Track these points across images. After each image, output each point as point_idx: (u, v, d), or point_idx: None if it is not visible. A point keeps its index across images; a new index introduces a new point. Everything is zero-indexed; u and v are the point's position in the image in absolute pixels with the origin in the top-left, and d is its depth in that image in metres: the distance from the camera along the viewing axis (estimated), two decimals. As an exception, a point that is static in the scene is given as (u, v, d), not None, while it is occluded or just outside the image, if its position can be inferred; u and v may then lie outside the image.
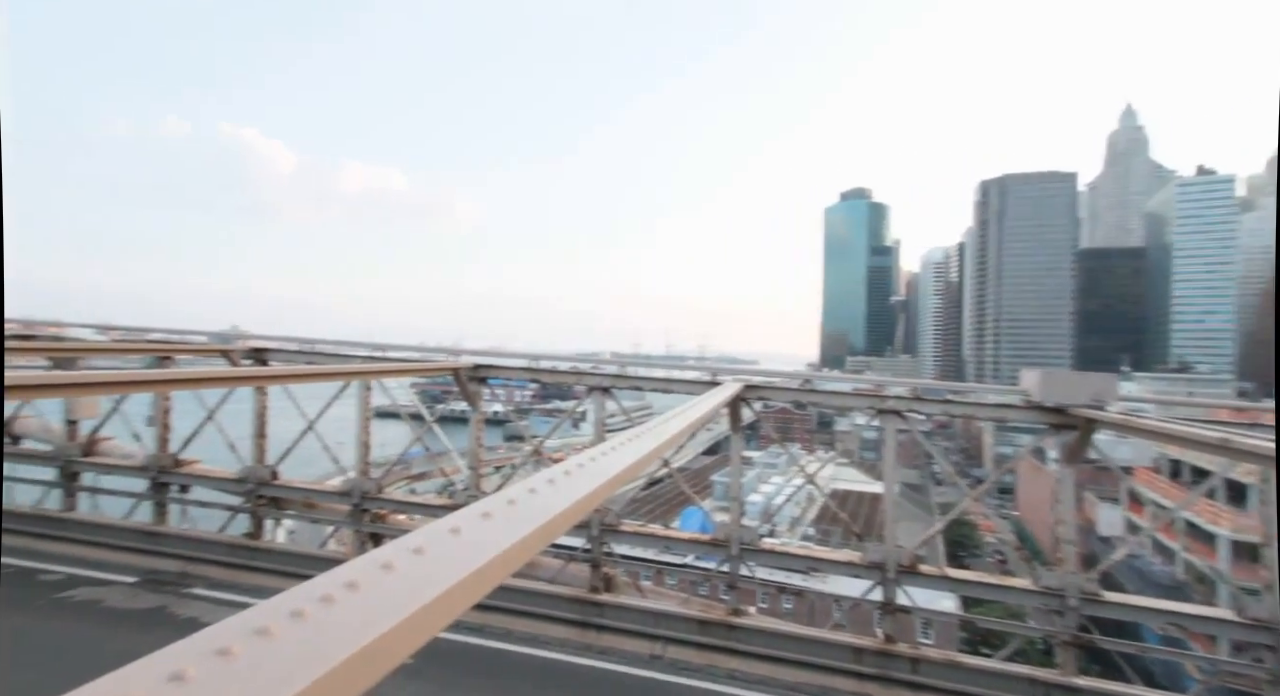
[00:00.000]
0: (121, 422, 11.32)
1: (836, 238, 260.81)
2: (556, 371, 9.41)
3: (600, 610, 8.35)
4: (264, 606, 1.09)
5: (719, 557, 8.29)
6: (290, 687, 0.88)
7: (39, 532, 10.81)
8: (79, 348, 10.73)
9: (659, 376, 9.38)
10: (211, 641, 0.96)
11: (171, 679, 0.86)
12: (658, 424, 3.63)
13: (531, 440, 10.46)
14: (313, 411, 10.49)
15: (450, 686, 6.96)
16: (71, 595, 9.06)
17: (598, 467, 2.59)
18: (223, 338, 11.64)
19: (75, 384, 6.85)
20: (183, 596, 9.16)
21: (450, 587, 1.29)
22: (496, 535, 1.65)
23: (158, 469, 10.61)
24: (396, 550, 1.42)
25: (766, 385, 8.74)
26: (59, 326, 12.72)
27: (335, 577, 1.23)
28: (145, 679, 0.86)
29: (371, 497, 9.73)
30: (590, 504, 2.19)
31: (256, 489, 10.24)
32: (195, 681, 0.87)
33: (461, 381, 9.02)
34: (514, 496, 1.96)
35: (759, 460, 56.26)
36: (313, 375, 7.72)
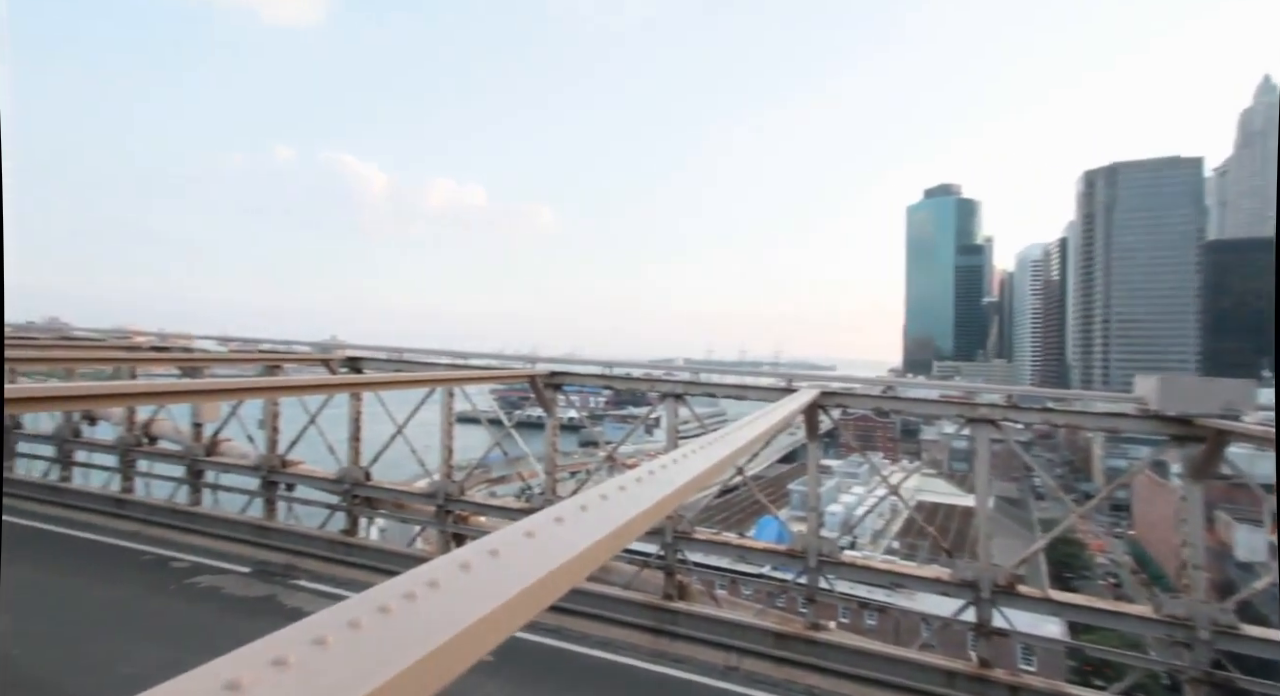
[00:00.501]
0: (237, 425, 12.48)
1: (921, 237, 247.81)
2: (629, 378, 9.51)
3: (674, 617, 8.30)
4: (354, 600, 1.16)
5: (796, 569, 8.05)
6: (378, 678, 0.93)
7: (171, 524, 12.08)
8: (203, 358, 11.95)
9: (732, 382, 9.26)
10: (309, 631, 1.03)
11: (275, 663, 0.93)
12: (730, 431, 3.58)
13: (605, 446, 10.61)
14: (401, 416, 11.14)
15: (527, 686, 7.13)
16: (197, 581, 10.05)
17: (669, 474, 2.59)
18: (323, 347, 12.60)
19: (199, 391, 7.61)
20: (289, 587, 9.94)
21: (524, 589, 1.33)
22: (569, 539, 1.68)
23: (268, 468, 11.60)
24: (474, 551, 1.47)
25: (845, 391, 8.43)
26: (188, 338, 14.22)
27: (417, 576, 1.29)
28: (252, 661, 0.93)
29: (454, 500, 10.18)
30: (662, 511, 2.19)
31: (352, 489, 10.96)
32: (295, 666, 0.94)
33: (537, 388, 9.29)
34: (586, 502, 1.99)
35: (838, 469, 54.28)
36: (401, 382, 8.19)
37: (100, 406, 12.82)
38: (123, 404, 12.17)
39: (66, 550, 11.24)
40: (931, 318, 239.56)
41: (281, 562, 10.72)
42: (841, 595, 7.88)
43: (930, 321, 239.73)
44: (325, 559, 10.69)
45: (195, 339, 14.37)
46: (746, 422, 3.88)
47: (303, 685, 0.91)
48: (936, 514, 47.48)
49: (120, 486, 13.19)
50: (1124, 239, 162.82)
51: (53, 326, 18.62)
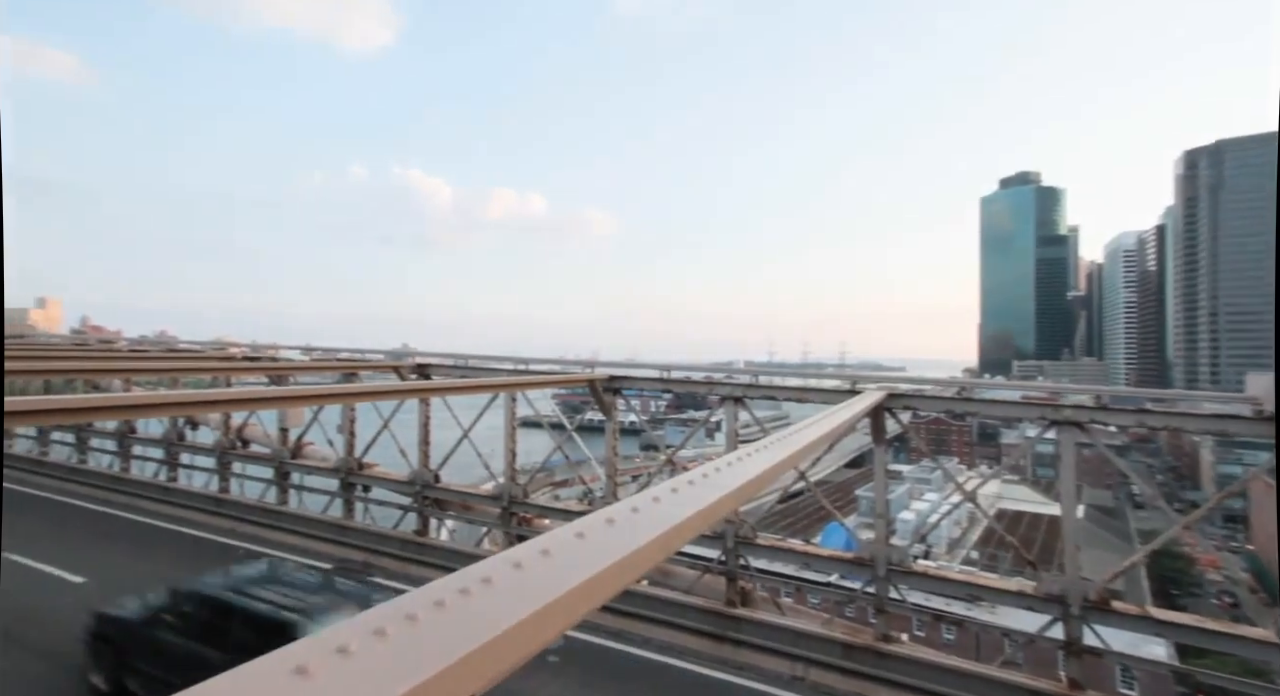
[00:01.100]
0: (319, 430, 13.28)
1: (997, 229, 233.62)
2: (688, 381, 9.46)
3: (737, 624, 8.18)
4: (412, 595, 1.21)
5: (865, 578, 7.76)
6: (432, 668, 0.97)
7: (261, 522, 12.98)
8: (289, 366, 12.79)
9: (793, 385, 9.06)
10: (370, 622, 1.09)
11: (339, 651, 0.99)
12: (790, 434, 3.50)
13: (665, 450, 10.60)
14: (467, 420, 11.53)
15: (590, 686, 7.19)
16: (285, 576, 10.75)
17: (723, 478, 2.55)
18: (394, 355, 13.25)
19: (285, 397, 8.15)
20: (365, 583, 10.45)
21: (573, 589, 1.34)
22: (620, 541, 1.69)
23: (346, 471, 12.27)
24: (526, 551, 1.50)
25: (914, 393, 8.08)
26: (275, 348, 15.28)
27: (471, 573, 1.33)
28: (318, 648, 0.99)
29: (518, 502, 10.43)
30: (716, 514, 2.16)
31: (422, 491, 11.43)
32: (356, 655, 0.99)
33: (597, 392, 9.40)
34: (638, 504, 1.99)
35: (909, 475, 51.91)
36: (466, 388, 8.50)
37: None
38: (219, 410, 13.20)
39: (174, 545, 12.28)
40: (1010, 314, 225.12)
41: (359, 560, 11.29)
42: (914, 606, 7.52)
43: (1008, 318, 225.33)
44: (399, 557, 11.19)
45: (282, 349, 15.43)
46: (807, 425, 3.79)
47: (363, 673, 0.96)
48: (1019, 523, 44.62)
49: (218, 486, 14.31)
50: (1233, 223, 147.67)
51: (162, 340, 20.47)
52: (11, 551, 11.15)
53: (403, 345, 13.48)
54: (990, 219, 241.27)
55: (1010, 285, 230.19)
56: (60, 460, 17.48)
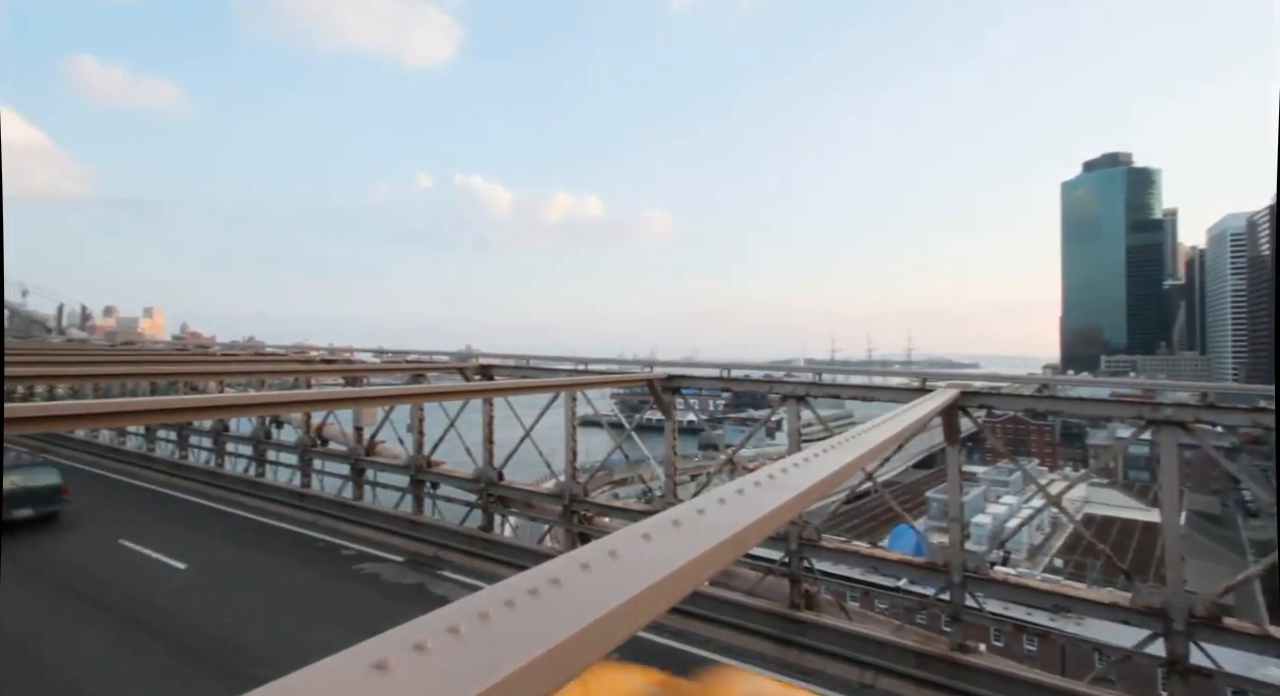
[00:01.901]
0: (390, 429, 13.90)
1: (1081, 215, 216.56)
2: (748, 380, 9.32)
3: (801, 628, 7.98)
4: (484, 593, 1.22)
5: (938, 584, 7.40)
6: (506, 668, 0.97)
7: (339, 516, 13.71)
8: (362, 368, 13.45)
9: (858, 383, 8.76)
10: (444, 619, 1.11)
11: (416, 647, 1.01)
12: (857, 434, 3.37)
13: (725, 449, 10.48)
14: (529, 419, 11.79)
15: (654, 687, 7.18)
16: (361, 568, 11.31)
17: (789, 479, 2.48)
18: (458, 357, 13.70)
19: (360, 398, 8.56)
20: (436, 577, 10.87)
21: (640, 592, 1.33)
22: (686, 543, 1.66)
23: (416, 468, 12.78)
24: (594, 552, 1.50)
25: (989, 391, 7.66)
26: (350, 351, 16.12)
27: (540, 573, 1.34)
28: (396, 644, 1.01)
29: (579, 500, 10.57)
30: (782, 517, 2.10)
31: (487, 488, 11.77)
32: (433, 652, 1.01)
33: (656, 391, 9.40)
34: (703, 506, 1.96)
35: (984, 477, 49.26)
36: (528, 388, 8.68)
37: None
38: (300, 410, 14.04)
39: (263, 536, 13.16)
40: (1096, 306, 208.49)
41: (429, 554, 11.76)
42: (993, 615, 7.12)
43: (1095, 310, 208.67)
44: (466, 552, 11.56)
45: (356, 351, 16.26)
46: (875, 425, 3.64)
47: (441, 670, 0.98)
48: (1109, 529, 41.50)
49: (300, 482, 15.22)
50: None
51: (249, 344, 21.99)
52: (125, 539, 12.27)
53: (465, 346, 13.95)
54: (1073, 205, 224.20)
55: (1097, 275, 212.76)
56: (164, 456, 19.08)
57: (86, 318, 36.00)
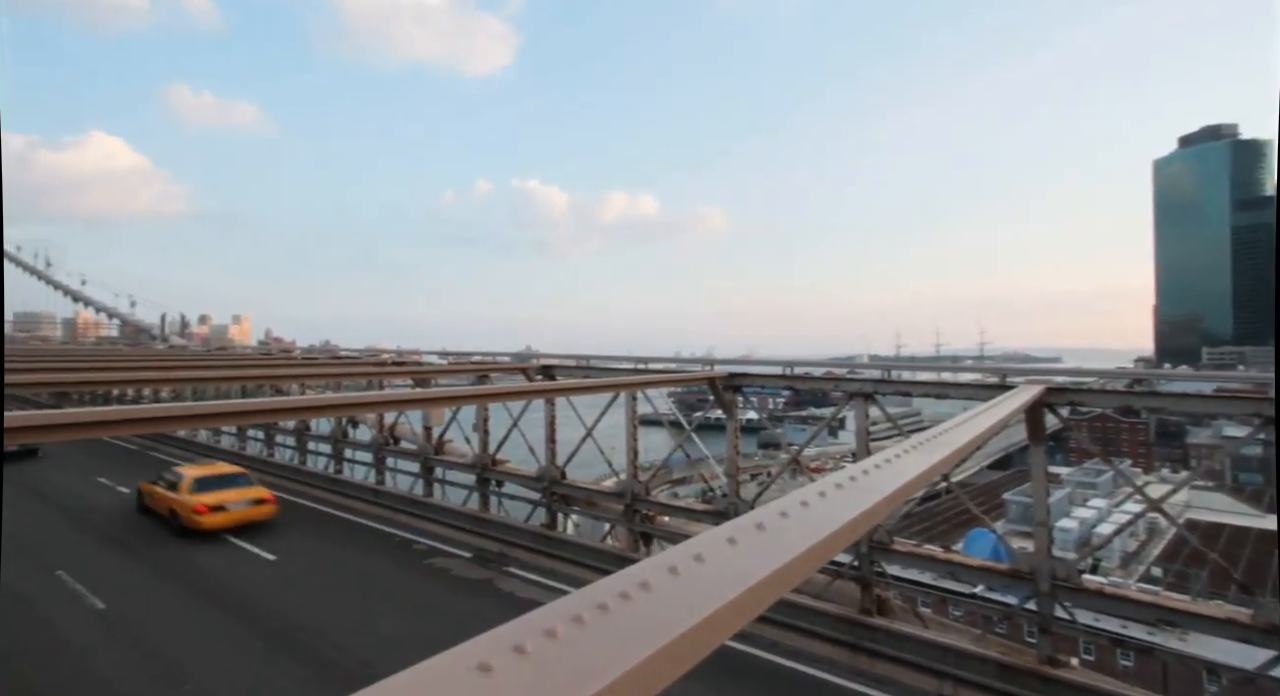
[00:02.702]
0: (457, 428, 14.37)
1: (1177, 195, 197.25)
2: (812, 377, 9.08)
3: (873, 634, 7.71)
4: (576, 596, 1.21)
5: (1021, 592, 6.98)
6: (607, 674, 0.96)
7: (411, 512, 14.30)
8: (430, 369, 13.96)
9: (930, 380, 8.38)
10: (541, 622, 1.10)
11: (515, 649, 1.00)
12: (940, 433, 3.21)
13: (788, 448, 10.26)
14: (590, 419, 11.92)
15: (722, 690, 7.11)
16: (432, 562, 11.75)
17: (873, 481, 2.38)
18: (520, 357, 14.01)
19: (428, 399, 8.87)
20: (502, 573, 11.15)
21: (732, 599, 1.29)
22: (772, 548, 1.61)
23: (481, 466, 13.16)
24: (680, 555, 1.46)
25: (1076, 387, 7.16)
26: (418, 353, 16.78)
27: (629, 577, 1.32)
28: (496, 646, 1.01)
29: (641, 499, 10.60)
30: (870, 520, 2.01)
31: (550, 486, 11.98)
32: (532, 655, 1.01)
33: (717, 390, 9.30)
34: (786, 508, 1.89)
35: (1069, 478, 46.16)
36: (589, 387, 8.76)
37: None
38: (374, 411, 14.72)
39: (342, 530, 13.88)
40: (1196, 293, 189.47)
41: (495, 551, 12.08)
42: (1086, 628, 6.65)
43: (1195, 298, 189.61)
44: (530, 549, 11.81)
45: (423, 354, 16.92)
46: (959, 423, 3.45)
47: (541, 673, 0.97)
48: (1217, 537, 38.04)
49: (374, 479, 15.97)
50: None
51: (326, 348, 23.26)
52: (224, 532, 13.21)
53: (525, 347, 14.25)
54: (1167, 184, 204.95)
55: (1197, 259, 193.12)
56: (253, 453, 20.46)
57: (185, 325, 39.07)
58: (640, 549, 10.65)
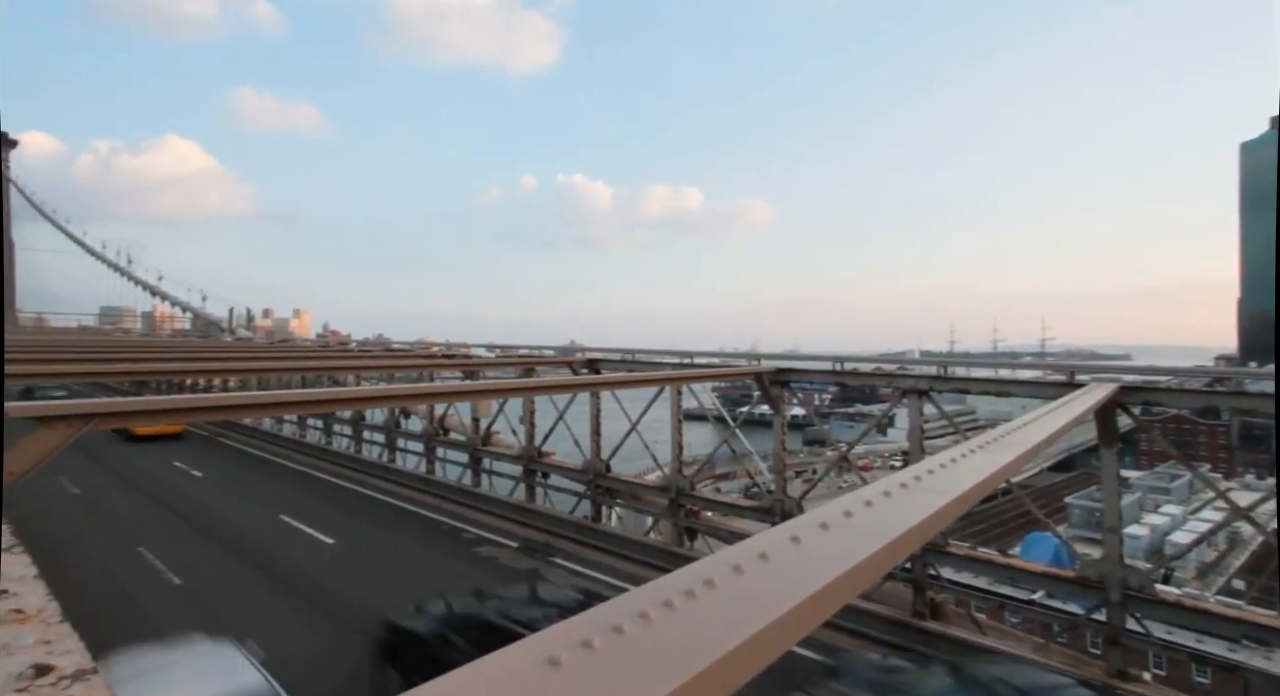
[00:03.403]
0: (504, 420, 14.65)
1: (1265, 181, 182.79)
2: (863, 373, 8.84)
3: (926, 638, 7.47)
4: (641, 591, 1.20)
5: (1088, 601, 6.62)
6: (676, 676, 0.93)
7: (460, 501, 14.67)
8: (478, 362, 14.28)
9: (990, 377, 8.03)
10: (606, 617, 1.09)
11: (583, 645, 0.99)
12: (1006, 433, 3.05)
13: (835, 446, 10.03)
14: (634, 412, 11.95)
15: (769, 690, 7.02)
16: (480, 551, 12.02)
17: (938, 482, 2.27)
18: (565, 351, 14.16)
19: (476, 391, 9.05)
20: (548, 563, 11.32)
21: (800, 602, 1.24)
22: (838, 550, 1.55)
23: (528, 458, 13.38)
24: (744, 554, 1.43)
25: (1150, 386, 6.72)
26: (466, 347, 17.18)
27: (694, 574, 1.29)
28: (564, 640, 1.00)
29: (685, 494, 10.56)
30: (936, 524, 1.92)
31: (595, 479, 12.07)
32: (600, 651, 0.99)
33: (764, 385, 9.16)
34: (849, 508, 1.83)
35: (1139, 482, 43.53)
36: (634, 382, 8.77)
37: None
38: (425, 402, 15.15)
39: (395, 516, 14.37)
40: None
41: (541, 541, 12.26)
42: (1162, 642, 6.25)
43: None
44: (576, 541, 11.94)
45: (471, 347, 17.30)
46: (1026, 423, 3.28)
47: (609, 670, 0.95)
48: (1303, 548, 35.14)
49: (425, 468, 16.46)
50: None
51: (379, 341, 24.08)
52: (285, 515, 13.89)
53: (570, 341, 14.39)
54: (1255, 169, 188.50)
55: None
56: (312, 441, 21.40)
57: (250, 319, 41.19)
58: (685, 543, 10.62)
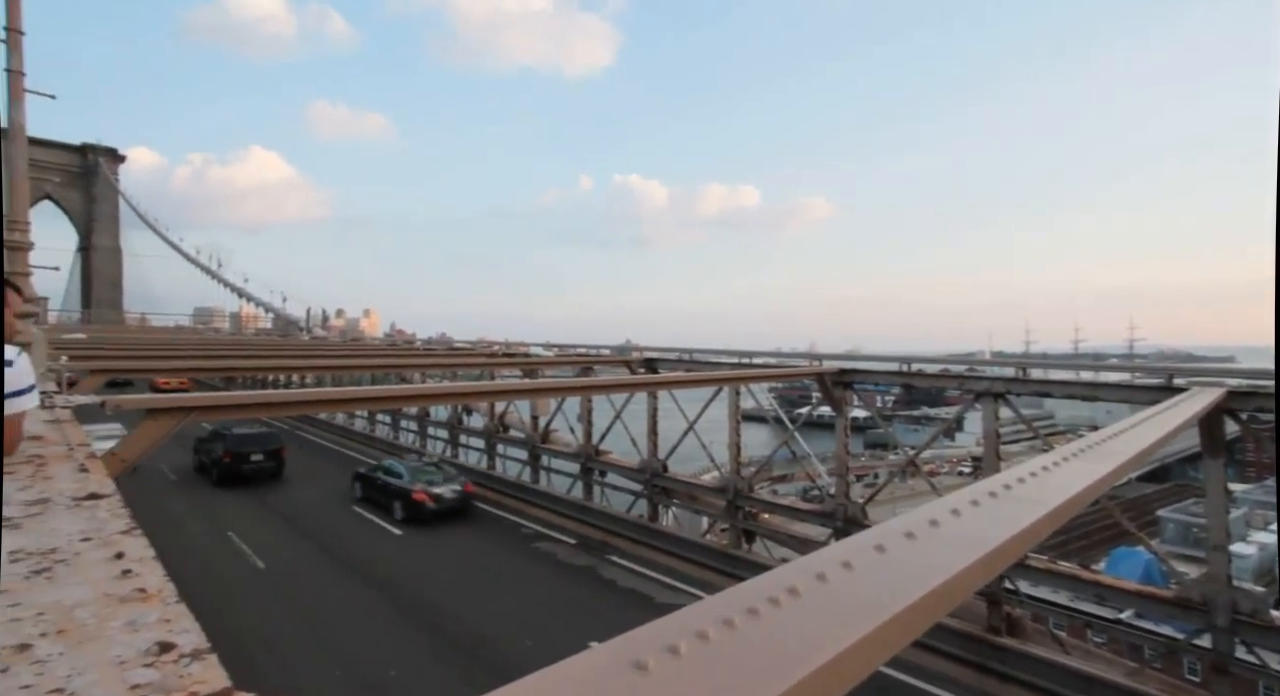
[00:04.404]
0: (562, 418, 14.86)
1: None
2: (933, 375, 8.44)
3: (1002, 655, 7.06)
4: (721, 598, 1.15)
5: (1187, 624, 6.08)
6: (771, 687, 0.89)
7: (519, 497, 14.99)
8: (537, 361, 14.53)
9: (1074, 380, 7.51)
10: (690, 622, 1.05)
11: (669, 650, 0.96)
12: (1102, 440, 2.83)
13: (904, 450, 9.63)
14: (691, 412, 11.87)
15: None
16: (538, 546, 12.24)
17: (1029, 491, 2.12)
18: (621, 350, 14.21)
19: (535, 390, 9.20)
20: (605, 561, 11.40)
21: (893, 616, 1.17)
22: (925, 561, 1.46)
23: (585, 456, 13.52)
24: (826, 561, 1.36)
25: (1259, 390, 6.11)
26: (525, 345, 17.53)
27: (777, 581, 1.23)
28: (650, 644, 0.97)
29: (744, 496, 10.40)
30: (1032, 537, 1.78)
31: (651, 479, 12.06)
32: (685, 656, 0.96)
33: (826, 386, 8.90)
34: (935, 516, 1.72)
35: (1244, 495, 39.71)
36: (692, 381, 8.69)
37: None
38: (486, 400, 15.57)
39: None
40: None
41: (598, 539, 12.37)
42: (1278, 674, 5.66)
43: None
44: (632, 540, 11.97)
45: (529, 346, 17.64)
46: (1126, 429, 3.03)
47: (697, 677, 0.92)
48: None
49: (487, 463, 16.91)
50: None
51: (442, 340, 24.93)
52: (358, 506, 14.58)
53: (625, 340, 14.42)
54: None
55: None
56: (382, 435, 22.39)
57: (325, 319, 43.52)
58: (743, 545, 10.46)
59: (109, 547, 1.18)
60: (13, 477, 1.71)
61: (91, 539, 1.23)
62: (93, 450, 2.06)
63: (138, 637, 0.86)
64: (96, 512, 1.39)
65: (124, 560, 1.12)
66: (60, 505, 1.45)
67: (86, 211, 59.47)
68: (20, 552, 1.16)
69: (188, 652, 0.83)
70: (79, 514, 1.39)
